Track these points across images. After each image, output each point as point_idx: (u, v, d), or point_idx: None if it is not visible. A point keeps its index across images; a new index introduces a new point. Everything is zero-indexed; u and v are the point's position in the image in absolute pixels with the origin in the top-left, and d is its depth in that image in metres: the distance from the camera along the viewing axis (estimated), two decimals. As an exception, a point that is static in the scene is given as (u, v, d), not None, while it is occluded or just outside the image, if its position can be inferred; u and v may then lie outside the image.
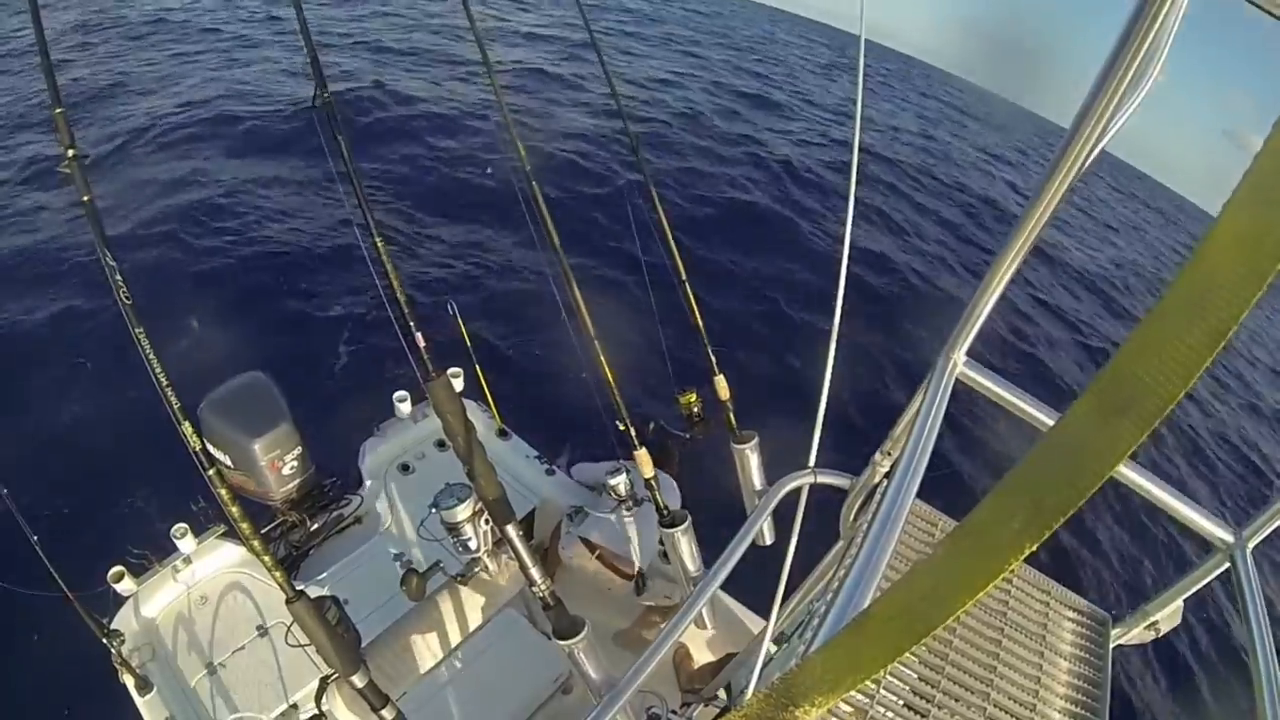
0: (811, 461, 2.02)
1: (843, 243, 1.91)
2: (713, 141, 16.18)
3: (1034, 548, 0.53)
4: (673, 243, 3.93)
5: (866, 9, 2.04)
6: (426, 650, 3.64)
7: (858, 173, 1.93)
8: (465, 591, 3.74)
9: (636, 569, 4.02)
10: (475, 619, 3.81)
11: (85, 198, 2.51)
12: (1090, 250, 21.40)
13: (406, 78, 15.30)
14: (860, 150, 2.02)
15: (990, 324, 1.46)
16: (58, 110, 2.54)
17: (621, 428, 3.54)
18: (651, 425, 4.15)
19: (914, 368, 9.67)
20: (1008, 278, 1.34)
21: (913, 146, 23.92)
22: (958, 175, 21.89)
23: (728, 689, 2.88)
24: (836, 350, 1.91)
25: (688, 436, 4.12)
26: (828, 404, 1.89)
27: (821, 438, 1.97)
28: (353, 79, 14.38)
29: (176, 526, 3.79)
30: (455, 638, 3.72)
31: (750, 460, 3.69)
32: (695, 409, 4.07)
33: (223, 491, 2.49)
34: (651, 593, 4.17)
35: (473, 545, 3.43)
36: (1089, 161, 1.12)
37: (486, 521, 3.30)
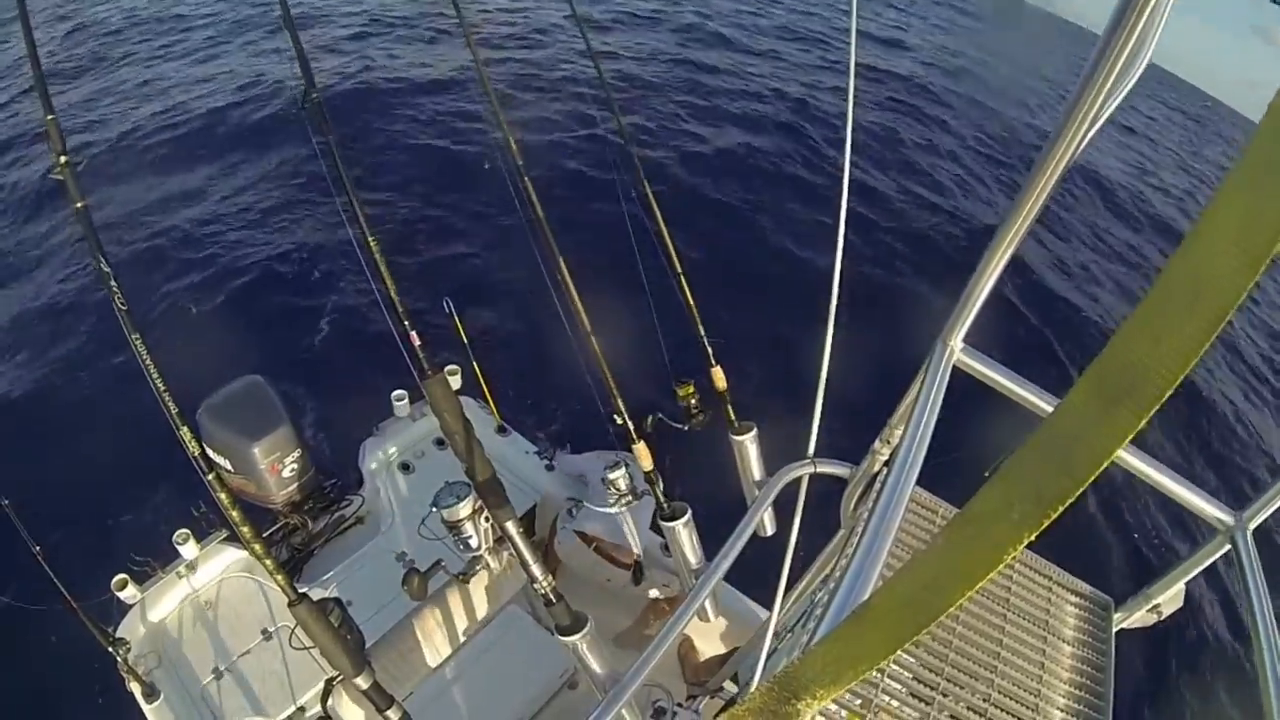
0: (811, 451, 2.02)
1: (838, 229, 1.91)
2: (705, 120, 16.12)
3: (1034, 536, 0.52)
4: (667, 234, 3.92)
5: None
6: (431, 649, 3.65)
7: (851, 156, 1.92)
8: (468, 590, 3.74)
9: (634, 558, 4.03)
10: (478, 617, 3.81)
11: (78, 204, 2.50)
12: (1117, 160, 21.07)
13: (395, 75, 15.22)
14: (853, 143, 2.01)
15: (986, 308, 1.45)
16: (49, 117, 2.52)
17: (620, 421, 3.53)
18: (650, 419, 4.15)
19: (912, 354, 9.66)
20: (1004, 262, 1.34)
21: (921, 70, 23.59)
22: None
23: (734, 680, 2.90)
24: (834, 338, 1.90)
25: (685, 429, 4.12)
26: (826, 393, 1.89)
27: (820, 427, 1.97)
28: (342, 78, 14.31)
29: (178, 532, 3.79)
30: (459, 636, 3.73)
31: (749, 451, 3.69)
32: (693, 401, 4.06)
33: (223, 496, 2.48)
34: (650, 582, 4.18)
35: (474, 543, 3.43)
36: (1085, 142, 1.12)
37: (487, 519, 3.30)
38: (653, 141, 14.21)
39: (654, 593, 4.30)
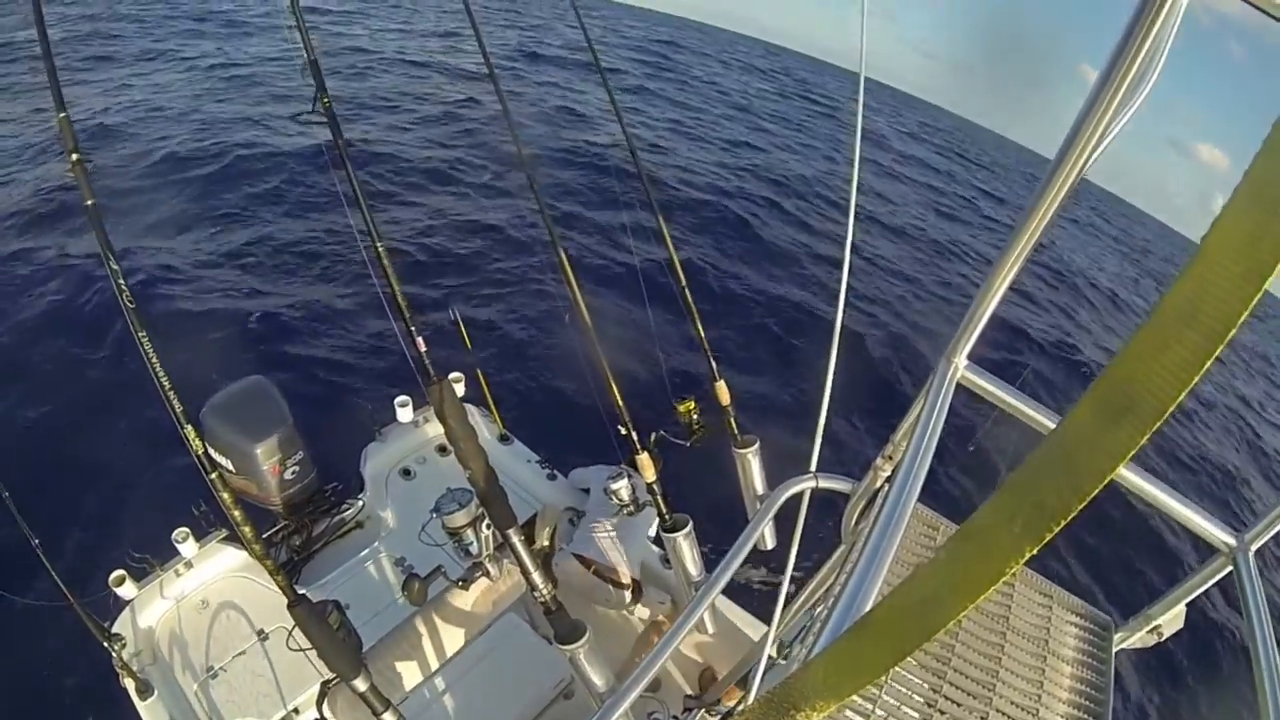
0: (813, 466, 2.02)
1: (844, 247, 1.92)
2: (713, 151, 16.20)
3: (1035, 551, 0.53)
4: (673, 249, 3.94)
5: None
6: (428, 655, 3.63)
7: (858, 178, 1.93)
8: (467, 596, 3.73)
9: (630, 577, 4.02)
10: (477, 624, 3.80)
11: (89, 201, 2.52)
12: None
13: (407, 83, 15.33)
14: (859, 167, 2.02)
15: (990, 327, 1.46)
16: (61, 115, 2.55)
17: (624, 432, 3.53)
18: (653, 435, 4.16)
19: (916, 371, 9.66)
20: (1009, 281, 1.34)
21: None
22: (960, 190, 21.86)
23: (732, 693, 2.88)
24: (838, 354, 1.91)
25: (687, 445, 4.13)
26: (829, 408, 1.89)
27: (823, 442, 1.97)
28: (354, 84, 14.41)
29: (178, 531, 3.79)
30: (457, 642, 3.72)
31: (751, 465, 3.69)
32: (694, 417, 4.07)
33: (224, 495, 2.49)
34: (648, 599, 4.18)
35: (474, 550, 3.42)
36: (1088, 166, 1.12)
37: (488, 526, 3.30)
38: (658, 156, 14.27)
39: (647, 612, 4.29)
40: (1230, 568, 1.62)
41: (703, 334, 3.83)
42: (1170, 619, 1.81)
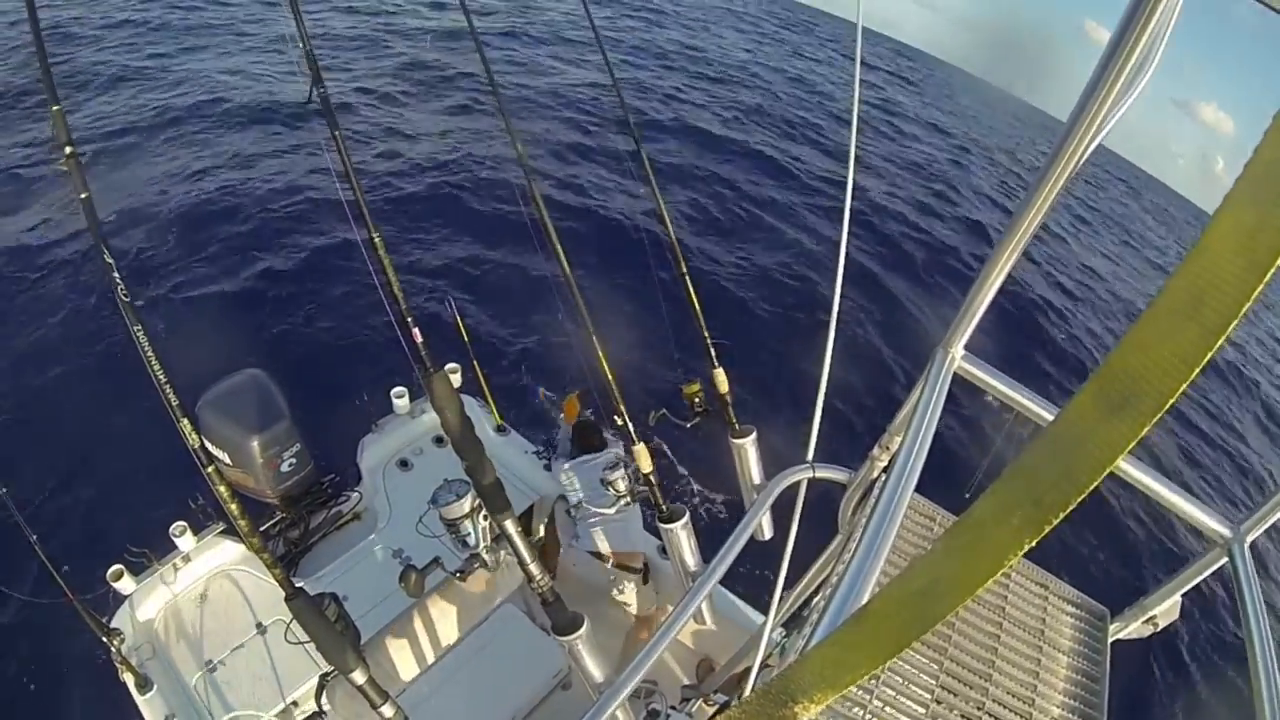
0: (810, 456, 2.02)
1: (840, 237, 1.91)
2: (709, 127, 16.14)
3: (1033, 544, 0.52)
4: (673, 235, 3.92)
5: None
6: (426, 646, 3.64)
7: (855, 165, 1.92)
8: (464, 588, 3.74)
9: (642, 558, 4.10)
10: (474, 615, 3.81)
11: (83, 194, 2.50)
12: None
13: (402, 72, 15.25)
14: (857, 143, 2.02)
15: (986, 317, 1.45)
16: (55, 107, 2.53)
17: (620, 423, 3.53)
18: (653, 414, 4.17)
19: (914, 361, 9.67)
20: (1006, 271, 1.34)
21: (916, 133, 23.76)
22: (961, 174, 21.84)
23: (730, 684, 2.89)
24: (835, 344, 1.91)
25: (688, 425, 4.14)
26: (826, 398, 1.89)
27: (820, 432, 1.97)
28: (348, 75, 14.33)
29: (175, 524, 3.79)
30: (455, 634, 3.72)
31: (749, 454, 3.69)
32: (697, 399, 4.08)
33: (221, 489, 2.48)
34: (656, 580, 4.25)
35: (471, 541, 3.43)
36: (1086, 155, 1.12)
37: (485, 517, 3.30)
38: (661, 138, 14.23)
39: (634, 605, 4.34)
40: (1226, 559, 1.62)
41: (702, 320, 3.83)
42: (1166, 609, 1.82)
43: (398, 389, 4.66)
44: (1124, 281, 19.22)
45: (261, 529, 3.80)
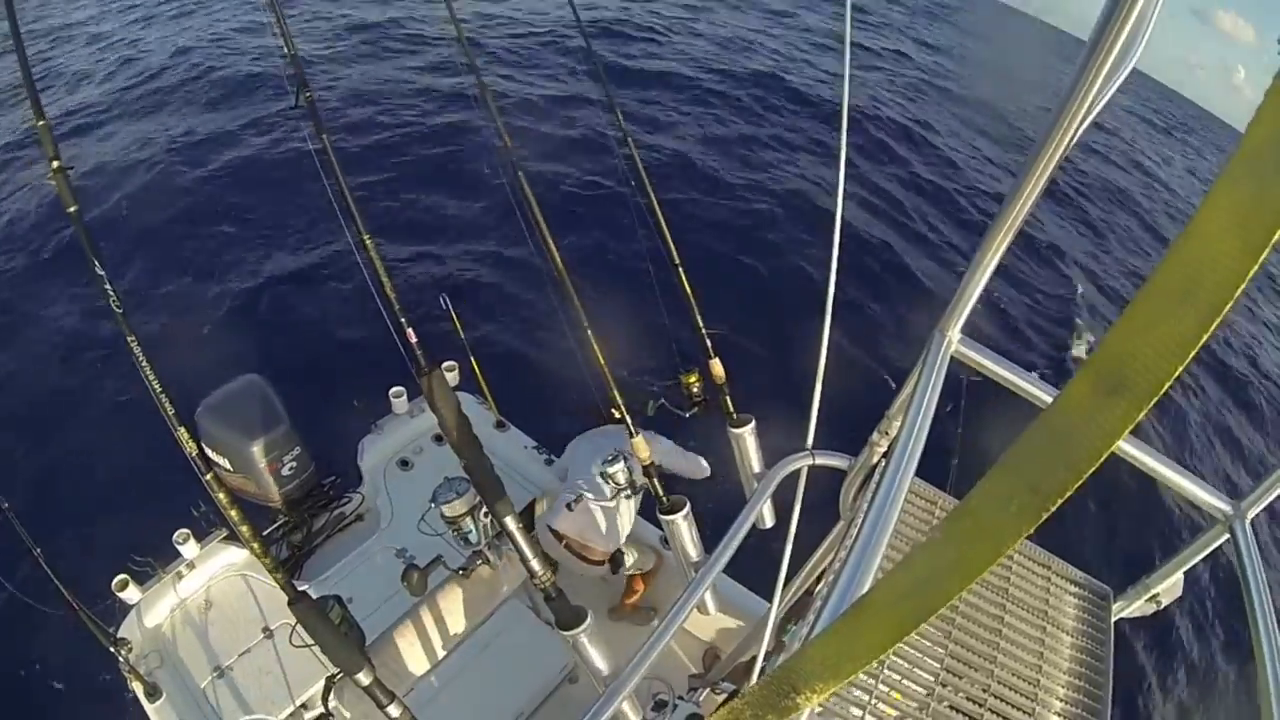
0: (809, 443, 2.02)
1: (834, 222, 1.90)
2: (699, 113, 16.06)
3: (1032, 529, 0.52)
4: (665, 225, 3.91)
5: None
6: (431, 645, 3.65)
7: (847, 150, 1.91)
8: (467, 585, 3.74)
9: (605, 554, 3.99)
10: (478, 612, 3.81)
11: (71, 208, 2.50)
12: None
13: (387, 72, 15.15)
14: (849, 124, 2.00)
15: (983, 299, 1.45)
16: (41, 123, 2.52)
17: (618, 416, 3.53)
18: (651, 404, 4.15)
19: (911, 345, 9.64)
20: (1001, 252, 1.33)
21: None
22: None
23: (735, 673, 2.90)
24: (831, 330, 1.90)
25: (686, 415, 4.12)
26: (824, 385, 1.89)
27: (818, 419, 1.97)
28: (334, 77, 14.24)
29: (178, 532, 3.79)
30: (459, 632, 3.73)
31: (747, 444, 3.68)
32: (695, 389, 4.07)
33: (221, 495, 2.49)
34: (628, 568, 4.19)
35: (473, 538, 3.43)
36: (1079, 133, 1.11)
37: (486, 514, 3.30)
38: (651, 132, 14.16)
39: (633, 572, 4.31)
40: (1227, 535, 1.63)
41: (697, 309, 3.81)
42: (1168, 587, 1.82)
43: (396, 389, 4.66)
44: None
45: (264, 533, 3.80)
